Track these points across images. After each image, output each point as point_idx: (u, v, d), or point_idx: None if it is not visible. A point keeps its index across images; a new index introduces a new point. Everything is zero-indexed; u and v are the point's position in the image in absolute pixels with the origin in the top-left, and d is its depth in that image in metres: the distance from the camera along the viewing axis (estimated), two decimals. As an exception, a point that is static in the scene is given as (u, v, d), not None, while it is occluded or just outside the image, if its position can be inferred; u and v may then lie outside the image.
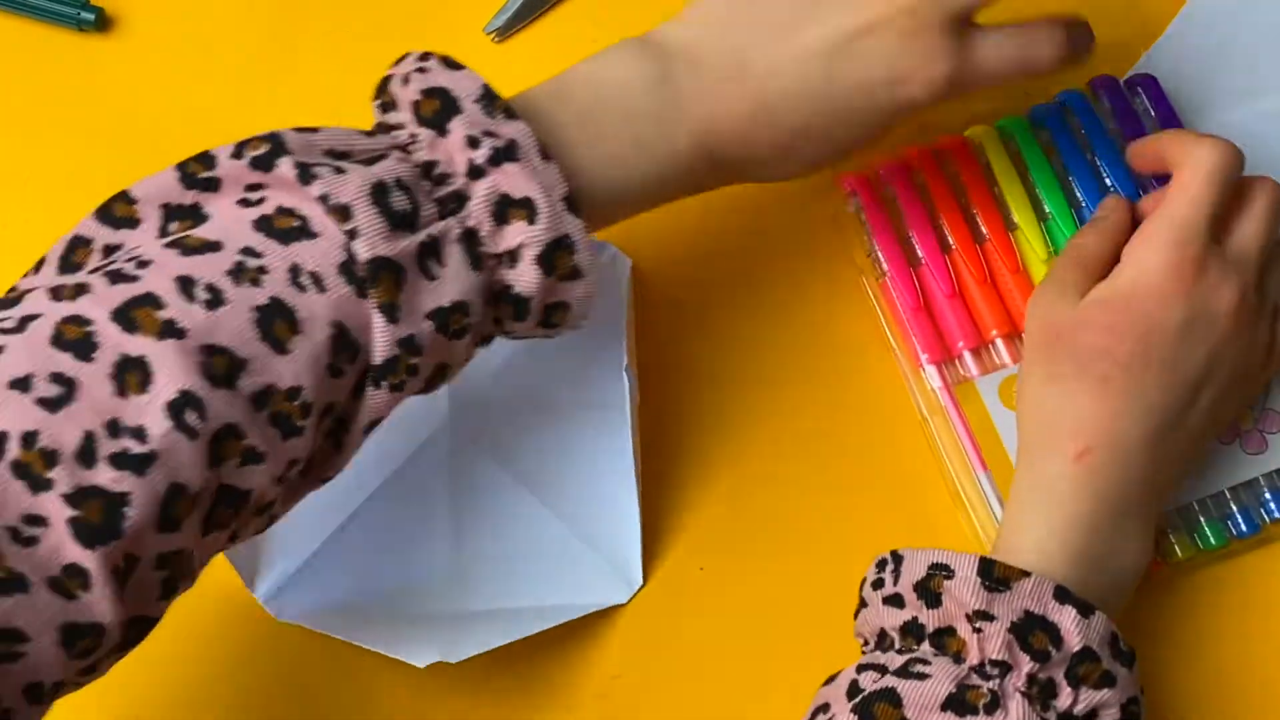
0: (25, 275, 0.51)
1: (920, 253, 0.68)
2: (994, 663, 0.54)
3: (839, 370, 0.69)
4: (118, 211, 0.51)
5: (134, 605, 0.46)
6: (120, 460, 0.44)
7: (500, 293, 0.53)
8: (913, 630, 0.56)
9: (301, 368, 0.48)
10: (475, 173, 0.52)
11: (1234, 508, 0.67)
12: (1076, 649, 0.54)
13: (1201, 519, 0.67)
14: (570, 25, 0.73)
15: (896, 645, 0.56)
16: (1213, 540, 0.66)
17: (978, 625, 0.54)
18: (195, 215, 0.50)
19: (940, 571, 0.55)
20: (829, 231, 0.70)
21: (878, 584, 0.58)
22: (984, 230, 0.69)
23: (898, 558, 0.57)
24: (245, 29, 0.72)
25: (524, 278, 0.52)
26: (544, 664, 0.65)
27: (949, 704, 0.53)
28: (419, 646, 0.60)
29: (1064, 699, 0.54)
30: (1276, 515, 0.67)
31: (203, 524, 0.47)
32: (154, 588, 0.47)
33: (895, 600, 0.57)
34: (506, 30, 0.72)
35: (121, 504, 0.44)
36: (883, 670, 0.55)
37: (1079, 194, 0.69)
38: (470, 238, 0.51)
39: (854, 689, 0.55)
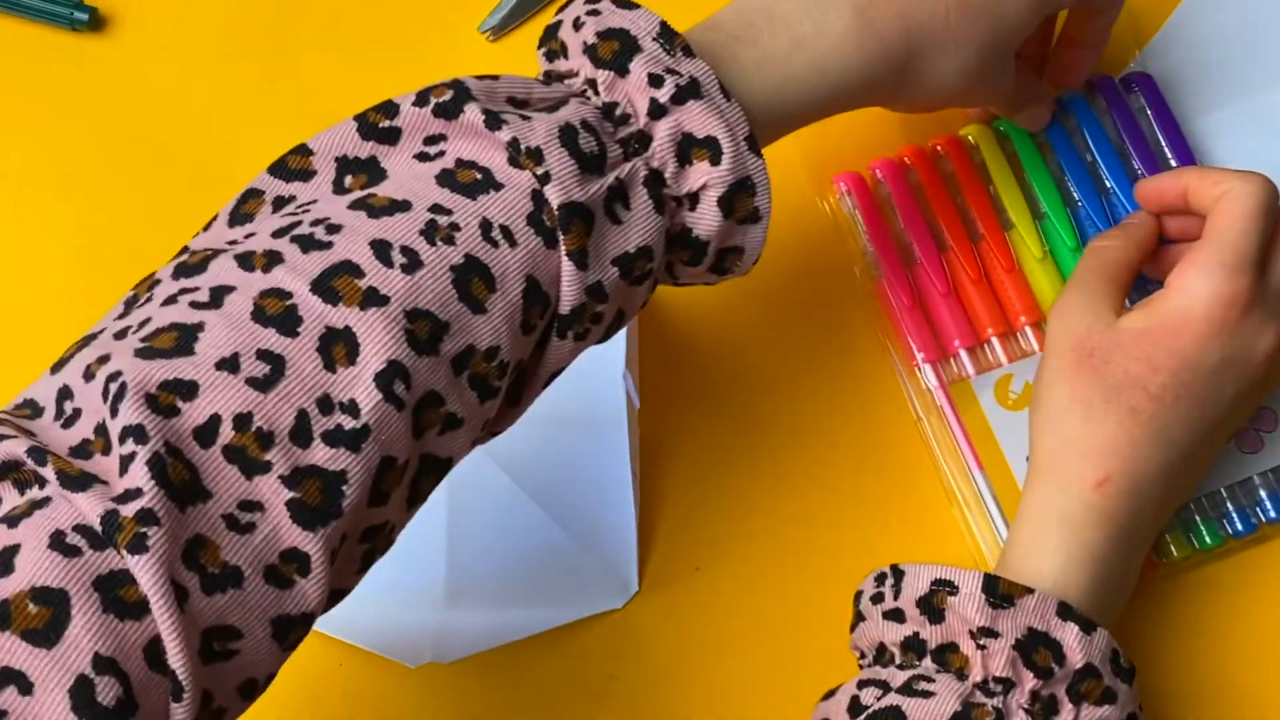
0: (197, 235, 0.49)
1: (916, 252, 0.68)
2: (997, 679, 0.54)
3: (834, 370, 0.69)
4: (291, 164, 0.49)
5: (335, 579, 0.45)
6: (335, 437, 0.43)
7: (678, 236, 0.52)
8: (914, 646, 0.56)
9: (499, 326, 0.47)
10: (657, 112, 0.50)
11: (1230, 507, 0.67)
12: (1079, 666, 0.54)
13: (1197, 518, 0.67)
14: (565, 24, 0.73)
15: (897, 660, 0.56)
16: (1209, 540, 0.66)
17: (981, 642, 0.54)
18: (372, 170, 0.49)
19: (944, 587, 0.55)
20: (825, 231, 0.70)
21: (877, 598, 0.57)
22: (979, 229, 0.68)
23: (898, 572, 0.57)
24: (239, 29, 0.72)
25: (704, 220, 0.51)
26: (539, 665, 0.65)
27: None
28: (412, 648, 0.59)
29: (1065, 715, 0.54)
30: (1273, 515, 0.67)
31: (407, 495, 0.47)
32: (355, 561, 0.46)
33: (896, 615, 0.56)
34: (501, 29, 0.72)
35: (340, 482, 0.43)
36: (885, 687, 0.54)
37: (1075, 193, 0.69)
38: (655, 179, 0.50)
39: (856, 706, 0.54)
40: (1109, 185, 0.69)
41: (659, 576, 0.66)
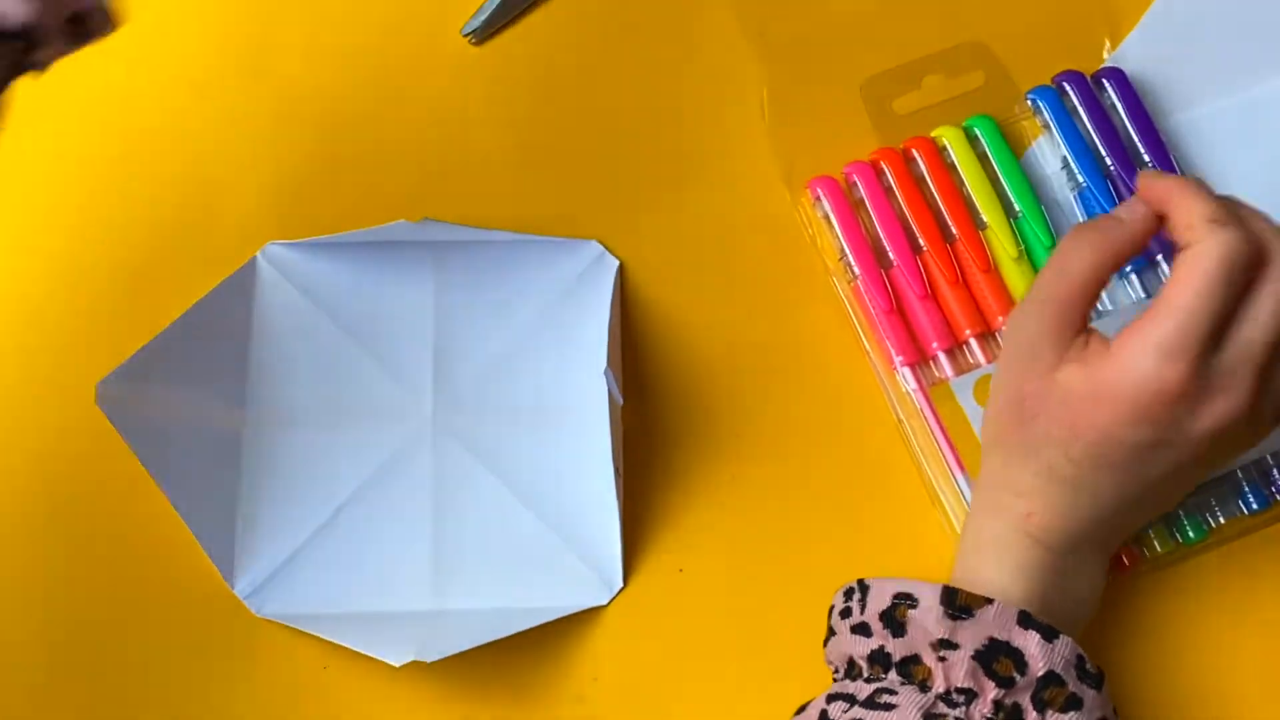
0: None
1: (891, 254, 0.68)
2: (960, 690, 0.54)
3: (814, 374, 0.69)
4: None
5: None
6: None
7: None
8: (879, 659, 0.56)
9: None
10: None
11: (1213, 500, 0.67)
12: (1041, 673, 0.54)
13: (1180, 512, 0.66)
14: (547, 27, 0.73)
15: (864, 674, 0.56)
16: (1192, 534, 0.66)
17: (942, 654, 0.54)
18: None
19: (904, 601, 0.55)
20: (800, 236, 0.70)
21: (845, 613, 0.58)
22: (954, 230, 0.68)
23: (864, 586, 0.57)
24: (223, 31, 0.72)
25: None
26: (522, 666, 0.65)
27: None
28: (396, 645, 0.60)
29: None
30: (1255, 507, 0.66)
31: None
32: None
33: (862, 629, 0.57)
34: (484, 32, 0.72)
35: None
36: (852, 700, 0.54)
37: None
38: None
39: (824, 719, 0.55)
40: (1083, 181, 0.69)
41: (642, 578, 0.66)
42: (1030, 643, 0.54)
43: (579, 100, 0.72)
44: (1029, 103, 0.71)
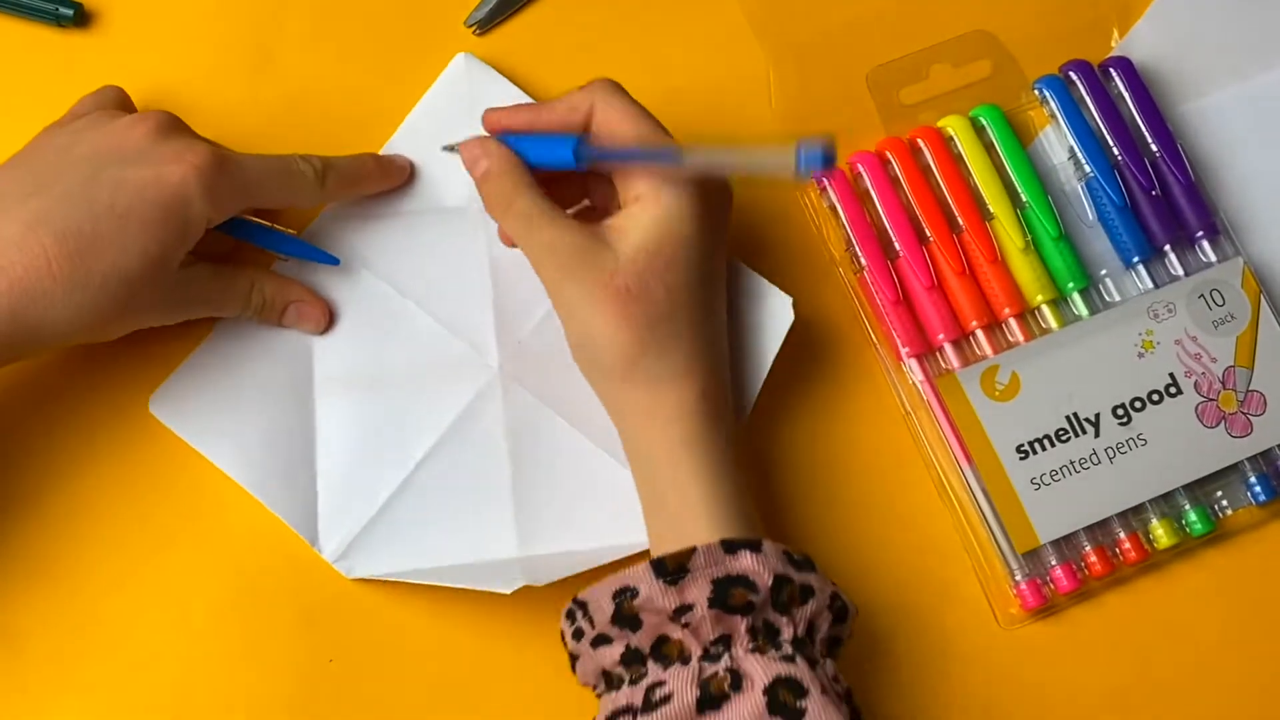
0: None
1: (897, 245, 0.68)
2: (714, 642, 0.55)
3: (819, 365, 0.69)
4: None
5: None
6: None
7: None
8: (632, 658, 0.56)
9: None
10: None
11: (1220, 492, 0.67)
12: (770, 584, 0.55)
13: (1186, 505, 0.66)
14: (550, 18, 0.73)
15: (626, 679, 0.56)
16: (1199, 526, 0.66)
17: (684, 620, 0.55)
18: None
19: (625, 595, 0.56)
20: (807, 227, 0.70)
21: (577, 634, 0.58)
22: (960, 221, 0.68)
23: (581, 603, 0.58)
24: (223, 22, 0.72)
25: None
26: (527, 657, 0.64)
27: (702, 706, 0.53)
28: (499, 581, 0.61)
29: (786, 630, 0.55)
30: (1262, 498, 0.66)
31: None
32: None
33: (602, 639, 0.57)
34: (487, 23, 0.72)
35: None
36: (631, 711, 0.55)
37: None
38: None
39: None
40: (1090, 171, 0.69)
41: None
42: (746, 564, 0.55)
43: (582, 90, 0.71)
44: (1036, 92, 0.70)
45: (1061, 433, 0.66)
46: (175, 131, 0.62)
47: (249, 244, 0.66)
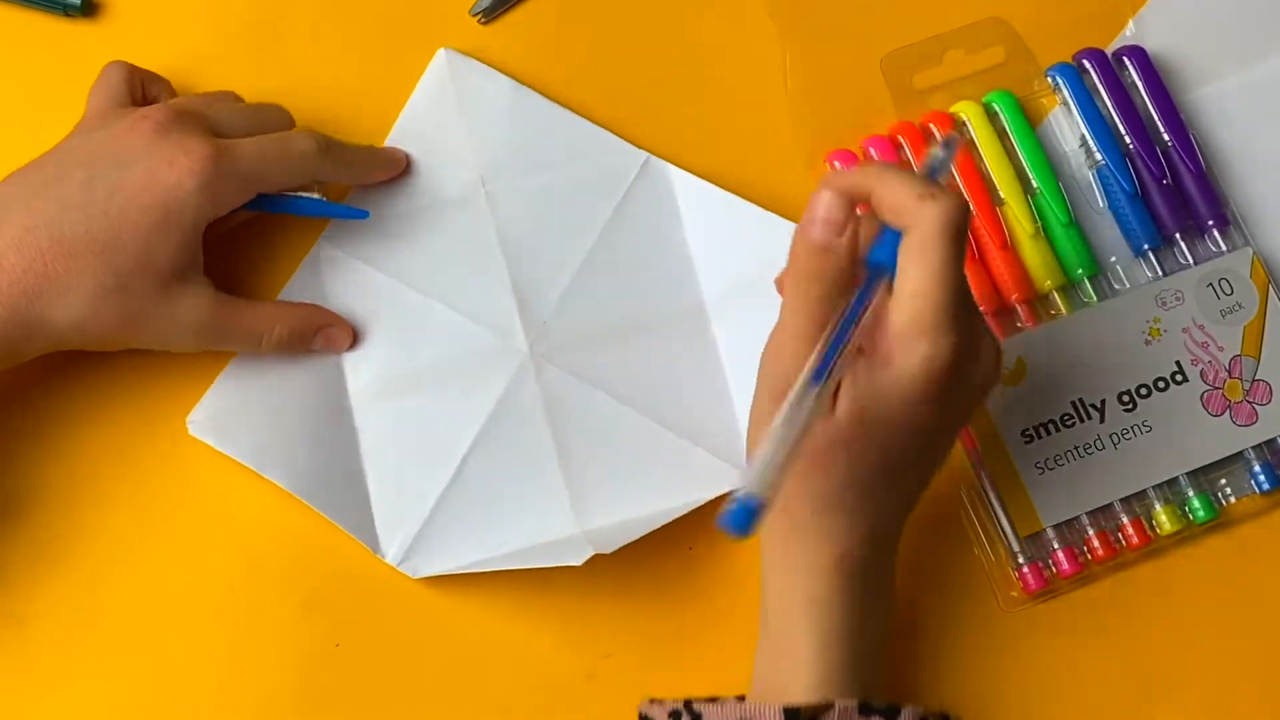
0: None
1: (908, 229, 0.68)
2: None
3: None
4: None
5: None
6: None
7: None
8: None
9: None
10: None
11: (1224, 480, 0.67)
12: None
13: (1190, 492, 0.67)
14: (557, 5, 0.73)
15: None
16: (1202, 513, 0.66)
17: None
18: None
19: None
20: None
21: None
22: (971, 207, 0.68)
23: (694, 714, 0.57)
24: (229, 12, 0.72)
25: None
26: (534, 642, 0.65)
27: None
28: (566, 555, 0.61)
29: None
30: (1266, 487, 0.67)
31: None
32: None
33: None
34: (492, 11, 0.72)
35: None
36: None
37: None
38: None
39: None
40: (1102, 160, 0.69)
41: (652, 558, 0.66)
42: None
43: (590, 78, 0.71)
44: (1049, 80, 0.70)
45: (1067, 418, 0.66)
46: (176, 128, 0.62)
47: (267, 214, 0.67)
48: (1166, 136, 0.70)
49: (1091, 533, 0.66)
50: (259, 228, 0.68)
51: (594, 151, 0.70)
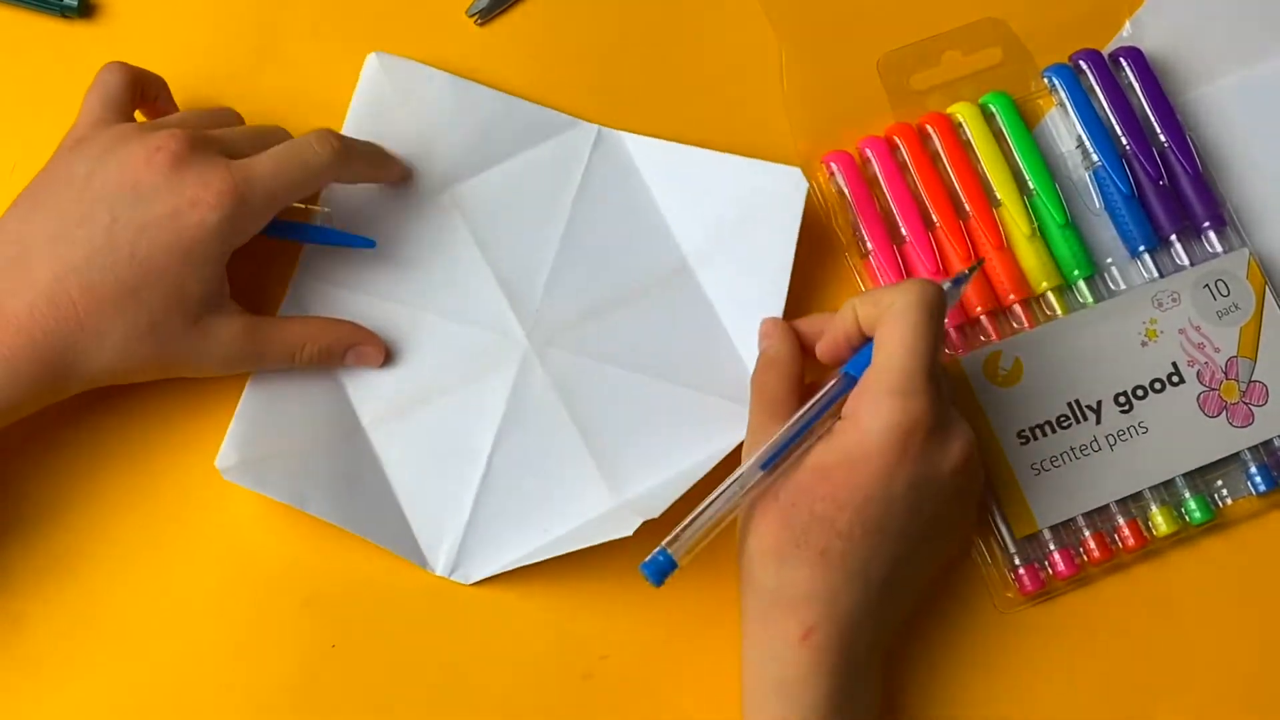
0: None
1: (904, 230, 0.68)
2: None
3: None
4: None
5: None
6: None
7: None
8: None
9: None
10: None
11: (1220, 481, 0.67)
12: None
13: (1186, 494, 0.67)
14: (552, 8, 0.73)
15: None
16: (1199, 515, 0.66)
17: None
18: None
19: None
20: (815, 211, 0.70)
21: None
22: (967, 207, 0.68)
23: None
24: (227, 12, 0.72)
25: None
26: (531, 643, 0.65)
27: None
28: (612, 529, 0.62)
29: None
30: (1262, 488, 0.67)
31: None
32: None
33: None
34: (489, 13, 0.72)
35: None
36: None
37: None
38: None
39: None
40: (1098, 161, 0.69)
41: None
42: None
43: (587, 79, 0.71)
44: (1045, 81, 0.70)
45: (1063, 419, 0.66)
46: (194, 158, 0.61)
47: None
48: (1163, 137, 0.70)
49: (1088, 534, 0.66)
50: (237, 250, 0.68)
51: (546, 132, 0.70)
